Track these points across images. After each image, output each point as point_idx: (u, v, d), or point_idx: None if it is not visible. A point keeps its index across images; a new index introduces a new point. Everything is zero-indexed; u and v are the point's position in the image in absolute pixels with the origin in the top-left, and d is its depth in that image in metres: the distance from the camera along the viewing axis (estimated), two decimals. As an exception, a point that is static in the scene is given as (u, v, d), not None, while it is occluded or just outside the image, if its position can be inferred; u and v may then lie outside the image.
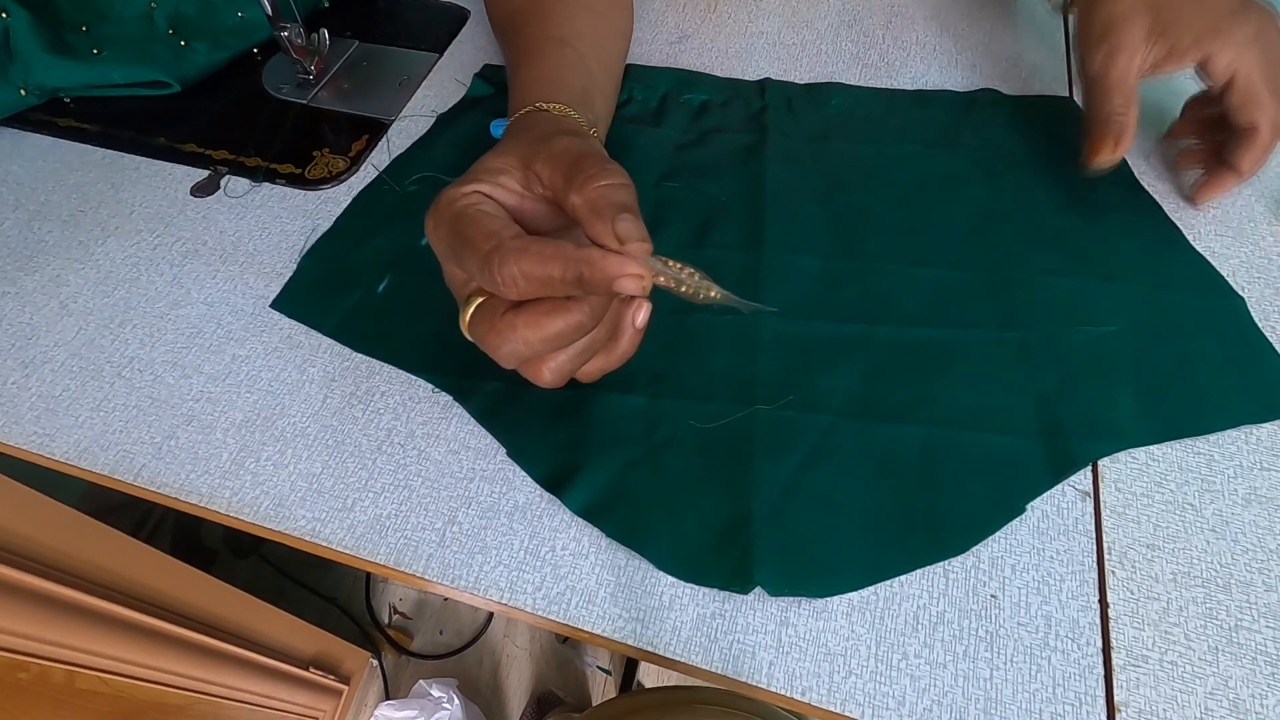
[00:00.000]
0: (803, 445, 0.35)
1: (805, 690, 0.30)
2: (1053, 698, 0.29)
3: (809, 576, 0.31)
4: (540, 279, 0.26)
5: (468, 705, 0.94)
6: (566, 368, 0.29)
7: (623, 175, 0.28)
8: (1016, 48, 0.53)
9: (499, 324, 0.28)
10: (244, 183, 0.48)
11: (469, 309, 0.29)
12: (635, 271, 0.25)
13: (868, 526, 0.32)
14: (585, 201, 0.27)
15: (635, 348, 0.31)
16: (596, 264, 0.25)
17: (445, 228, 0.29)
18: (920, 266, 0.41)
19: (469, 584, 0.32)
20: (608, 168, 0.28)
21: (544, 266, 0.26)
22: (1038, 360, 0.37)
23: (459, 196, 0.29)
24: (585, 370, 0.31)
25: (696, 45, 0.54)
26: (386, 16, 0.59)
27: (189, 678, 0.65)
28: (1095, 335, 0.37)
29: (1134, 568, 0.32)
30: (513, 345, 0.28)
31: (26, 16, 0.50)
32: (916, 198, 0.44)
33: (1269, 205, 0.43)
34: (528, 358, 0.29)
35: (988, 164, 0.45)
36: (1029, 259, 0.41)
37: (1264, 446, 0.35)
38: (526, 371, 0.30)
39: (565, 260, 0.25)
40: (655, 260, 0.27)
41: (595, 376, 0.31)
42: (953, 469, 0.34)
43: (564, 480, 0.34)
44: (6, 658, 0.46)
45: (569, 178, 0.28)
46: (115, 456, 0.36)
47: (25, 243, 0.45)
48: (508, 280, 0.26)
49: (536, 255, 0.26)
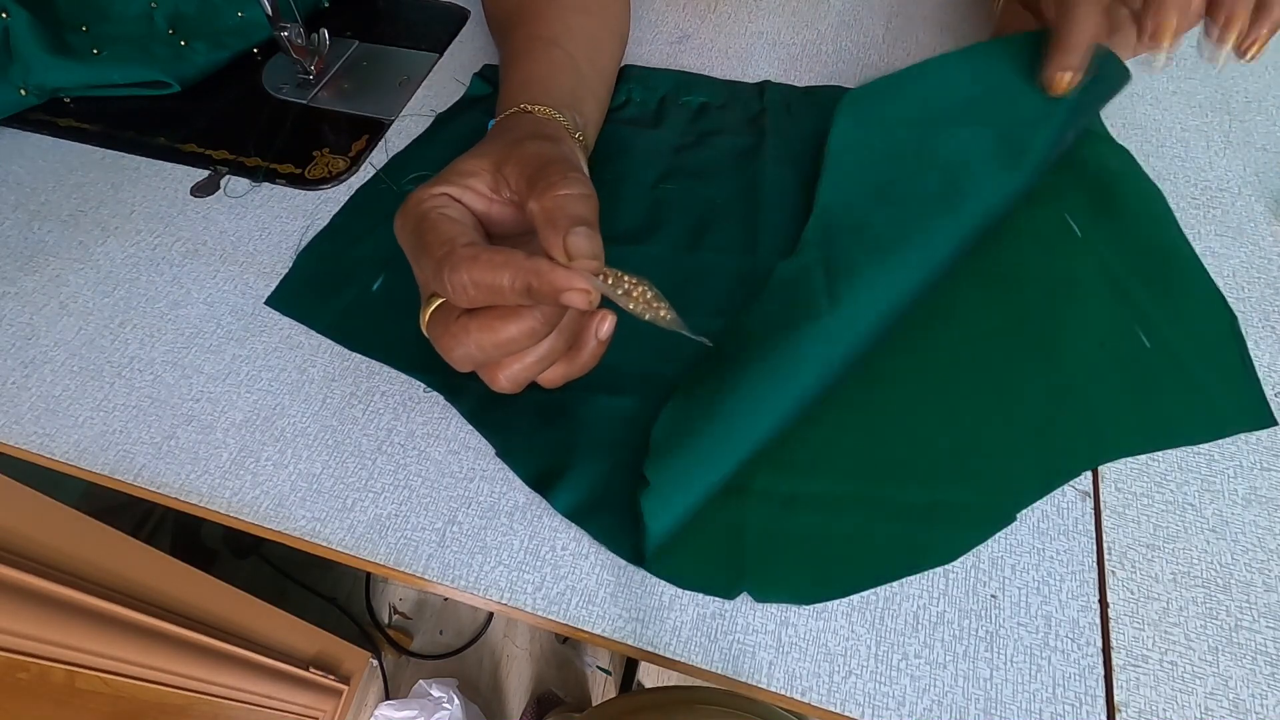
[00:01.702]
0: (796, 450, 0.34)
1: (805, 690, 0.30)
2: (1053, 698, 0.29)
3: (797, 583, 0.31)
4: (489, 287, 0.26)
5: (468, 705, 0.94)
6: (522, 375, 0.29)
7: (585, 185, 0.28)
8: (1016, 48, 0.53)
9: (453, 327, 0.28)
10: (244, 183, 0.48)
11: (428, 309, 0.29)
12: (582, 286, 0.25)
13: (856, 533, 0.32)
14: (542, 210, 0.27)
15: (598, 358, 0.31)
16: (544, 275, 0.25)
17: (409, 228, 0.29)
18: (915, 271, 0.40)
19: (469, 584, 0.32)
20: (570, 176, 0.28)
21: (493, 275, 0.26)
22: (1030, 369, 0.37)
23: (426, 198, 0.29)
24: (546, 377, 0.30)
25: (696, 45, 0.54)
26: (386, 16, 0.59)
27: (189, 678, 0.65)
28: (1090, 344, 0.37)
29: (1134, 568, 0.32)
30: (465, 349, 0.28)
31: (26, 16, 0.50)
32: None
33: (1269, 205, 0.43)
34: (481, 362, 0.29)
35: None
36: (1024, 266, 0.40)
37: (1264, 446, 0.35)
38: (483, 376, 0.30)
39: (514, 270, 0.25)
40: (606, 275, 0.27)
41: (557, 383, 0.31)
42: (944, 476, 0.34)
43: (552, 480, 0.34)
44: (6, 658, 0.46)
45: (532, 183, 0.28)
46: (115, 456, 0.36)
47: (25, 243, 0.45)
48: (456, 287, 0.26)
49: (486, 264, 0.26)
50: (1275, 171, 0.45)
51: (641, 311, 0.27)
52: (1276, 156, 0.45)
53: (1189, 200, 0.44)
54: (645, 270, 0.28)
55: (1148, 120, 0.48)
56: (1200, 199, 0.44)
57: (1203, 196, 0.44)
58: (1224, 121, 0.48)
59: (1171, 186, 0.44)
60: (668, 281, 0.28)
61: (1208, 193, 0.44)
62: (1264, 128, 0.47)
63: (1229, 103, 0.49)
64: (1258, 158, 0.46)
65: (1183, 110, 0.48)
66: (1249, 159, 0.46)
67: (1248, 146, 0.46)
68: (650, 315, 0.27)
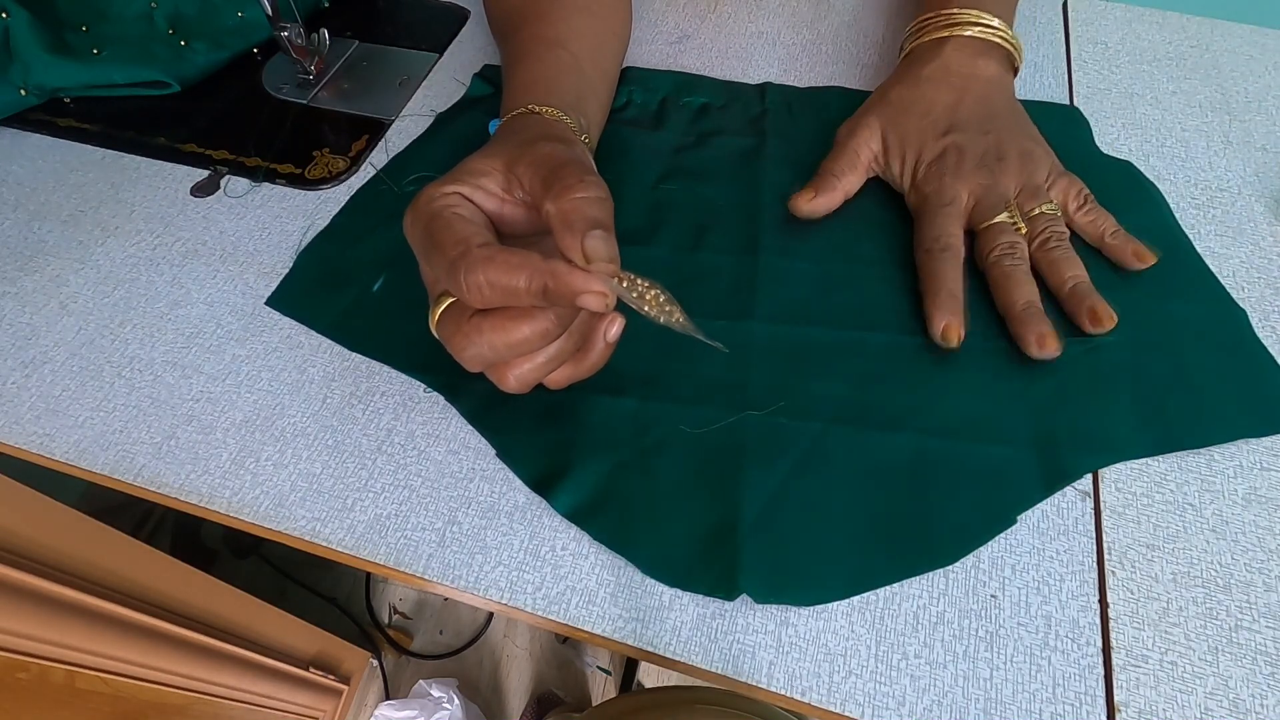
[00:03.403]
0: (793, 452, 0.34)
1: (805, 690, 0.30)
2: (1053, 698, 0.29)
3: (796, 584, 0.31)
4: (505, 288, 0.26)
5: (468, 705, 0.94)
6: (531, 375, 0.29)
7: (601, 189, 0.28)
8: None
9: (465, 326, 0.28)
10: (244, 183, 0.48)
11: (439, 308, 0.29)
12: (599, 289, 0.25)
13: (856, 535, 0.32)
14: (559, 212, 0.27)
15: (605, 360, 0.31)
16: (561, 278, 0.25)
17: (420, 227, 0.29)
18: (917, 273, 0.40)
19: (469, 584, 0.32)
20: (587, 179, 0.28)
21: (509, 276, 0.26)
22: (1033, 370, 0.36)
23: (438, 196, 0.29)
24: (553, 378, 0.30)
25: (696, 45, 0.54)
26: (386, 16, 0.59)
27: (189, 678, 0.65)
28: (1092, 345, 0.37)
29: (1134, 568, 0.32)
30: (477, 349, 0.28)
31: (26, 16, 0.50)
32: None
33: (1269, 205, 0.43)
34: (492, 362, 0.29)
35: None
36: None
37: (1264, 446, 0.35)
38: (492, 375, 0.30)
39: (531, 271, 0.25)
40: (621, 278, 0.27)
41: (563, 385, 0.31)
42: (944, 478, 0.34)
43: (552, 482, 0.34)
44: (6, 658, 0.46)
45: (547, 184, 0.28)
46: (115, 456, 0.36)
47: (25, 243, 0.45)
48: (472, 287, 0.26)
49: (503, 264, 0.26)
50: (1275, 171, 0.45)
51: (656, 315, 0.28)
52: (1276, 156, 0.45)
53: (1189, 200, 0.44)
54: (646, 271, 0.28)
55: (1148, 120, 0.48)
56: (1200, 199, 0.44)
57: (1203, 196, 0.44)
58: (1224, 121, 0.48)
59: (1171, 186, 0.44)
60: (668, 282, 0.28)
61: (1208, 193, 0.44)
62: (1264, 128, 0.47)
63: (1229, 103, 0.49)
64: (1258, 158, 0.46)
65: (1183, 110, 0.48)
66: (1249, 159, 0.46)
67: (1248, 146, 0.46)
68: (665, 319, 0.28)
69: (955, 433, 0.35)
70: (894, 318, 0.39)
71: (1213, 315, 0.38)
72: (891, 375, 0.37)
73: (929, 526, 0.32)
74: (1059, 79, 0.50)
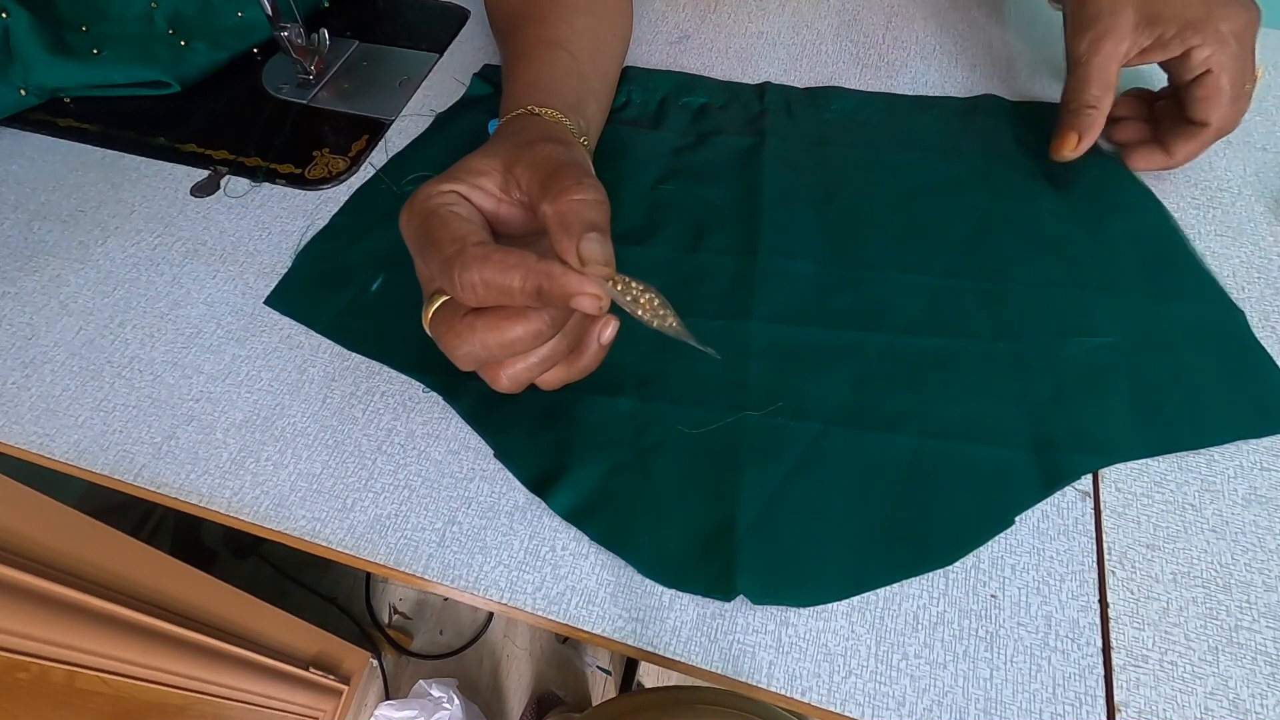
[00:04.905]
0: (791, 453, 0.34)
1: (805, 690, 0.30)
2: (1053, 698, 0.29)
3: (793, 585, 0.31)
4: (499, 288, 0.26)
5: (468, 705, 0.94)
6: (523, 375, 0.29)
7: (599, 191, 0.28)
8: (1017, 47, 0.53)
9: (458, 325, 0.28)
10: (244, 183, 0.48)
11: (432, 306, 0.29)
12: (593, 291, 0.25)
13: (854, 536, 0.32)
14: (556, 213, 0.27)
15: (598, 363, 0.31)
16: (556, 279, 0.25)
17: (416, 224, 0.29)
18: (916, 274, 0.40)
19: (469, 584, 0.32)
20: (584, 182, 0.28)
21: (504, 276, 0.26)
22: (1032, 371, 0.36)
23: (435, 194, 0.29)
24: (545, 379, 0.30)
25: (697, 45, 0.54)
26: (386, 16, 0.60)
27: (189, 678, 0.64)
28: (1091, 347, 0.37)
29: (1134, 568, 0.32)
30: (470, 348, 0.28)
31: (26, 16, 0.50)
32: (914, 205, 0.44)
33: (1269, 205, 0.43)
34: (485, 361, 0.29)
35: (987, 171, 0.45)
36: (1027, 268, 0.40)
37: (1264, 446, 0.35)
38: (484, 375, 0.30)
39: (526, 271, 0.25)
40: (616, 281, 0.27)
41: (555, 386, 0.31)
42: (942, 480, 0.34)
43: (550, 482, 0.34)
44: (6, 658, 0.46)
45: (545, 186, 0.28)
46: (115, 456, 0.36)
47: (25, 243, 0.45)
48: (467, 286, 0.26)
49: (498, 264, 0.26)
50: (1275, 171, 0.45)
51: (649, 319, 0.28)
52: (1276, 156, 0.45)
53: (1189, 200, 0.44)
54: (645, 271, 0.28)
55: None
56: (1200, 199, 0.44)
57: (1203, 196, 0.44)
58: (1224, 121, 0.48)
59: (1171, 186, 0.44)
60: (668, 282, 0.28)
61: (1208, 193, 0.44)
62: (1264, 128, 0.47)
63: (1229, 103, 0.49)
64: (1258, 158, 0.46)
65: (1183, 110, 0.48)
66: (1249, 159, 0.46)
67: (1248, 146, 0.46)
68: (658, 324, 0.28)
69: (953, 434, 0.35)
70: (893, 319, 0.39)
71: (1211, 316, 0.38)
72: (890, 376, 0.37)
73: (926, 528, 0.32)
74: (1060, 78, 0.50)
